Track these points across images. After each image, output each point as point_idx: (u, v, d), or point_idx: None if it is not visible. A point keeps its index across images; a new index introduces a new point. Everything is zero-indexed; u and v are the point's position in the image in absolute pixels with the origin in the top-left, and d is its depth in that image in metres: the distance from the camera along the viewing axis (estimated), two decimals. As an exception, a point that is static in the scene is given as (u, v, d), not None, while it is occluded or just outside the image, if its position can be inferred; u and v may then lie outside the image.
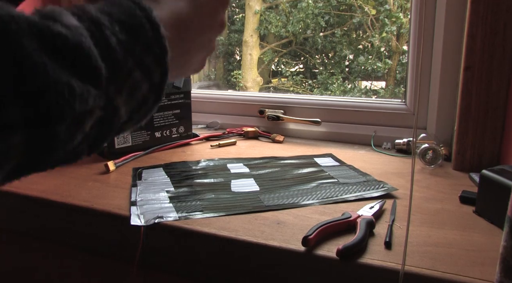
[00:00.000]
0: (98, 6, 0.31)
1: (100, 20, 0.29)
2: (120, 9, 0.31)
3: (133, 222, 0.62)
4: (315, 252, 0.54)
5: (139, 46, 0.31)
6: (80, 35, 0.27)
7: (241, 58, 3.75)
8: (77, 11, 0.29)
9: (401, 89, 2.93)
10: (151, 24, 0.32)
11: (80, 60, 0.27)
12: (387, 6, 3.24)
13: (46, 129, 0.25)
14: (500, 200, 0.55)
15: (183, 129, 1.04)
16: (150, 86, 0.33)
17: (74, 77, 0.26)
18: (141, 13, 0.32)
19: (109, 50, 0.29)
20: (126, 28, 0.30)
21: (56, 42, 0.26)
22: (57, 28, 0.26)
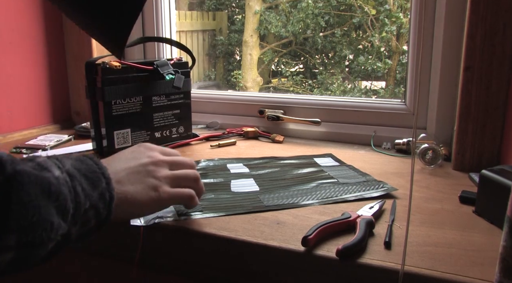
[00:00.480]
0: (71, 163, 0.44)
1: (73, 173, 0.43)
2: (86, 166, 0.46)
3: (133, 222, 0.62)
4: (315, 252, 0.54)
5: (96, 193, 0.45)
6: (62, 185, 0.40)
7: (241, 58, 3.75)
8: (58, 163, 0.43)
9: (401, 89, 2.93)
10: (105, 179, 0.46)
11: (60, 202, 0.39)
12: (387, 6, 3.24)
13: (28, 251, 0.37)
14: (500, 200, 0.55)
15: (183, 129, 1.04)
16: (97, 222, 0.46)
17: (55, 215, 0.38)
18: (98, 170, 0.46)
19: (76, 195, 0.42)
20: (88, 180, 0.44)
21: (50, 189, 0.38)
22: (50, 179, 0.39)
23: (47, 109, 1.23)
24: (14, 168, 0.37)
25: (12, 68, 1.11)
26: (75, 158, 0.46)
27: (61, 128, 1.23)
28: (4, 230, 0.34)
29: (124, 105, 0.92)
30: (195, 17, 3.78)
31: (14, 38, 1.11)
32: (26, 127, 1.16)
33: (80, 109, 1.28)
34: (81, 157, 0.47)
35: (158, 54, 1.29)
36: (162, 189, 0.55)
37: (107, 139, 0.91)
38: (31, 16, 1.15)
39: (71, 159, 0.46)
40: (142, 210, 0.54)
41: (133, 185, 0.52)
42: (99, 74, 0.88)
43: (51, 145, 1.02)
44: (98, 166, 0.47)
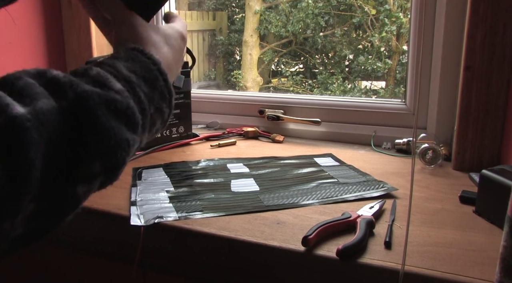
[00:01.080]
0: (125, 65, 0.40)
1: (131, 79, 0.39)
2: (141, 65, 0.42)
3: (133, 222, 0.62)
4: (315, 252, 0.54)
5: (157, 94, 0.42)
6: (127, 98, 0.37)
7: (241, 58, 3.75)
8: (113, 71, 0.39)
9: (401, 89, 2.93)
10: (162, 76, 0.43)
11: (129, 117, 0.37)
12: (387, 6, 3.24)
13: (113, 173, 0.37)
14: (500, 200, 0.55)
15: (183, 129, 1.04)
16: (162, 121, 0.44)
17: (128, 131, 0.37)
18: (154, 67, 0.42)
19: (141, 103, 0.39)
20: (147, 82, 0.41)
21: (117, 106, 0.35)
22: (114, 96, 0.36)
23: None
24: (75, 90, 0.33)
25: (12, 68, 1.11)
26: (126, 57, 0.42)
27: None
28: (88, 159, 0.33)
29: (124, 105, 0.92)
30: (195, 17, 3.78)
31: (14, 38, 1.11)
32: (26, 127, 1.16)
33: (80, 109, 1.28)
34: (131, 54, 0.43)
35: (158, 54, 1.29)
36: None
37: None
38: (31, 16, 1.15)
39: (122, 58, 0.42)
40: None
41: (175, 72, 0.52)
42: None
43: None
44: (151, 60, 0.43)
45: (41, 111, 0.30)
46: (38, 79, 0.33)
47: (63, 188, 0.32)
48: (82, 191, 0.34)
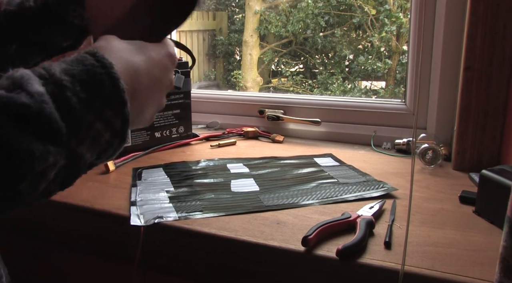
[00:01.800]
0: (63, 67, 0.36)
1: (63, 82, 0.34)
2: (83, 68, 0.36)
3: (133, 222, 0.62)
4: (315, 252, 0.54)
5: (99, 101, 0.36)
6: (42, 102, 0.32)
7: (241, 58, 3.75)
8: (44, 72, 0.34)
9: (401, 89, 2.93)
10: (110, 80, 0.37)
11: (41, 124, 0.32)
12: (387, 6, 3.24)
13: (10, 188, 0.31)
14: (500, 200, 0.55)
15: (183, 129, 1.04)
16: (112, 133, 0.38)
17: (35, 141, 0.31)
18: (102, 70, 0.36)
19: (70, 110, 0.34)
20: (86, 87, 0.35)
21: (19, 111, 0.31)
22: (21, 99, 0.31)
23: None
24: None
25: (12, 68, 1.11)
26: (71, 60, 0.37)
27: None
28: None
29: (124, 105, 0.92)
30: (195, 17, 3.78)
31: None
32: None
33: (80, 109, 1.28)
34: (79, 56, 0.37)
35: (158, 54, 1.29)
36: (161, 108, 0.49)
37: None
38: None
39: (65, 62, 0.37)
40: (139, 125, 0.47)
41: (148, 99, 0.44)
42: (99, 74, 0.88)
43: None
44: (101, 63, 0.37)
45: None
46: None
47: None
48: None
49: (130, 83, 0.40)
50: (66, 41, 0.61)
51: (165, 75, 0.46)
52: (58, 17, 0.59)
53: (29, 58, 0.63)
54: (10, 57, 0.61)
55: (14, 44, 0.60)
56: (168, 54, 0.47)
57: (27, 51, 0.61)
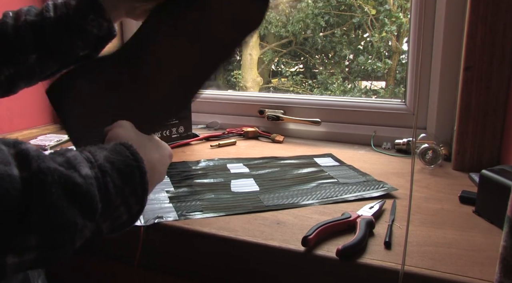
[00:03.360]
0: (105, 154, 0.42)
1: (105, 168, 0.40)
2: (120, 158, 0.42)
3: (133, 222, 0.62)
4: (315, 252, 0.54)
5: (128, 189, 0.42)
6: (90, 185, 0.38)
7: (241, 58, 3.75)
8: (91, 157, 0.40)
9: (401, 89, 2.93)
10: (140, 173, 0.43)
11: (86, 203, 0.37)
12: (387, 6, 3.24)
13: (52, 252, 0.36)
14: (500, 200, 0.55)
15: (183, 129, 1.04)
16: (129, 216, 0.44)
17: (80, 216, 0.37)
18: (134, 163, 0.43)
19: (107, 193, 0.40)
20: (121, 175, 0.41)
21: (74, 189, 0.36)
22: (76, 179, 0.37)
23: (47, 109, 1.23)
24: (39, 165, 0.35)
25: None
26: (111, 148, 0.43)
27: (61, 128, 1.23)
28: (25, 230, 0.33)
29: (124, 105, 0.92)
30: (195, 17, 3.78)
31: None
32: (26, 127, 1.16)
33: (80, 109, 1.28)
34: (117, 147, 0.44)
35: (158, 54, 1.29)
36: None
37: (107, 139, 0.91)
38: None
39: (107, 149, 0.43)
40: None
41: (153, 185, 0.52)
42: (99, 74, 0.88)
43: (51, 145, 1.02)
44: (134, 157, 0.44)
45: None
46: (11, 148, 0.35)
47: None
48: (11, 262, 0.34)
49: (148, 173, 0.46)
50: (84, 50, 0.63)
51: (165, 169, 0.54)
52: (78, 27, 0.61)
53: (47, 66, 0.65)
54: (31, 66, 0.63)
55: (35, 54, 0.62)
56: (170, 154, 0.55)
57: (47, 60, 0.63)
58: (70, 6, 0.63)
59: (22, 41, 0.61)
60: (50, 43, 0.62)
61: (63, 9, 0.63)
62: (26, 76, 0.65)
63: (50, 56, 0.64)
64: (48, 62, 0.64)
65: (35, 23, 0.62)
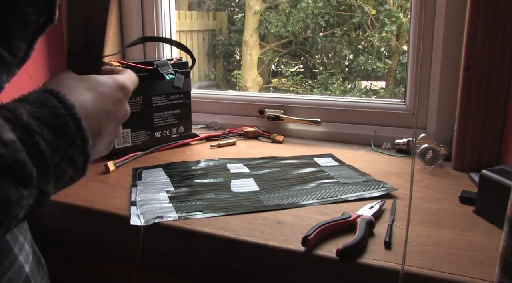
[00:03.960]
0: (28, 109, 0.37)
1: (31, 127, 0.36)
2: (48, 110, 0.38)
3: (133, 222, 0.62)
4: (315, 252, 0.54)
5: (64, 142, 0.38)
6: (15, 151, 0.34)
7: (241, 58, 3.75)
8: (11, 116, 0.35)
9: (401, 89, 2.93)
10: (74, 121, 0.39)
11: (16, 172, 0.33)
12: (387, 6, 3.24)
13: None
14: (500, 200, 0.55)
15: (183, 129, 1.04)
16: (75, 170, 0.40)
17: (11, 188, 0.33)
18: (65, 112, 0.38)
19: (39, 153, 0.35)
20: (53, 129, 0.37)
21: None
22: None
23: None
24: None
25: (12, 68, 1.11)
26: (34, 100, 0.38)
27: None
28: None
29: (124, 105, 0.92)
30: (195, 17, 3.78)
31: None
32: (26, 127, 1.16)
33: (80, 109, 1.28)
34: (42, 96, 0.39)
35: (158, 54, 1.29)
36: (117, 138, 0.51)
37: (107, 139, 0.91)
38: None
39: (29, 102, 0.38)
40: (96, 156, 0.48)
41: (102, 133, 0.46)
42: (99, 74, 0.88)
43: (51, 144, 1.02)
44: (63, 104, 0.39)
45: None
46: None
47: None
48: None
49: None
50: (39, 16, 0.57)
51: (118, 107, 0.47)
52: None
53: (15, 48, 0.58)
54: None
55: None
56: (119, 86, 0.48)
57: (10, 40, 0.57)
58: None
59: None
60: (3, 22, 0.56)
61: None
62: None
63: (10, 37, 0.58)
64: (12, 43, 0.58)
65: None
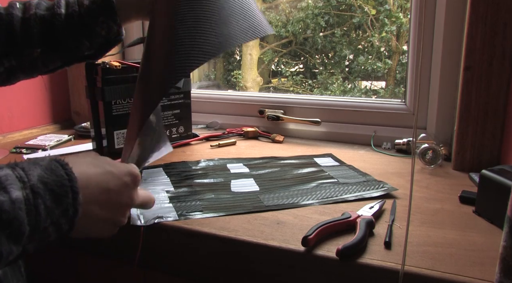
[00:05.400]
0: (39, 174, 0.40)
1: (38, 190, 0.39)
2: (55, 178, 0.41)
3: (133, 222, 0.62)
4: (315, 252, 0.54)
5: (59, 210, 0.41)
6: (19, 210, 0.37)
7: (241, 58, 3.75)
8: (23, 176, 0.39)
9: (401, 89, 2.93)
10: (72, 194, 0.42)
11: (13, 228, 0.36)
12: (387, 6, 3.24)
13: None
14: (500, 200, 0.55)
15: (183, 129, 1.04)
16: (57, 236, 0.42)
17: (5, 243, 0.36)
18: (68, 184, 0.41)
19: (37, 215, 0.38)
20: (53, 196, 0.40)
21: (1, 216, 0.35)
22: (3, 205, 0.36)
23: (47, 109, 1.23)
24: None
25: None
26: (46, 166, 0.42)
27: (61, 128, 1.23)
28: None
29: (124, 105, 0.92)
30: (195, 17, 3.77)
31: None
32: (26, 127, 1.16)
33: (80, 109, 1.28)
34: (53, 164, 0.42)
35: (158, 54, 1.29)
36: (121, 224, 0.52)
37: (107, 139, 0.91)
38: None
39: (41, 167, 0.41)
40: (95, 235, 0.49)
41: (101, 210, 0.47)
42: (99, 74, 0.88)
43: (51, 144, 1.02)
44: (69, 177, 0.42)
45: None
46: None
47: None
48: None
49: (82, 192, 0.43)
50: (89, 50, 0.62)
51: (123, 190, 0.48)
52: (87, 27, 0.60)
53: (50, 62, 0.63)
54: (34, 59, 0.61)
55: (40, 48, 0.60)
56: (128, 171, 0.50)
57: (51, 55, 0.62)
58: (83, 5, 0.62)
59: (29, 34, 0.60)
60: (57, 40, 0.61)
61: (75, 7, 0.62)
62: (28, 69, 0.64)
63: (55, 52, 0.62)
64: (52, 57, 0.63)
65: (44, 17, 0.61)
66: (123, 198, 0.49)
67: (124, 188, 0.49)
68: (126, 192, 0.49)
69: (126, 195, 0.49)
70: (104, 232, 0.50)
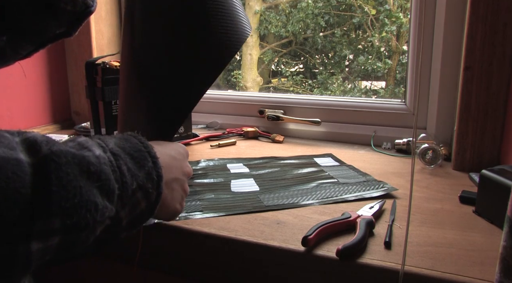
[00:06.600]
0: (114, 141, 0.42)
1: (117, 152, 0.40)
2: (130, 145, 0.43)
3: (133, 222, 0.62)
4: (315, 252, 0.54)
5: (142, 173, 0.42)
6: (104, 165, 0.38)
7: (241, 58, 3.75)
8: (101, 142, 0.40)
9: (401, 89, 2.93)
10: (151, 158, 0.44)
11: (103, 182, 0.37)
12: (387, 6, 3.24)
13: (75, 235, 0.35)
14: (500, 200, 0.55)
15: (183, 129, 1.04)
16: (147, 204, 0.43)
17: (98, 195, 0.36)
18: (144, 149, 0.44)
19: (121, 176, 0.39)
20: (134, 160, 0.42)
21: (89, 168, 0.36)
22: (90, 158, 0.37)
23: (47, 109, 1.23)
24: (50, 148, 0.34)
25: (12, 68, 1.11)
26: (119, 137, 0.44)
27: (61, 128, 1.23)
28: (48, 213, 0.32)
29: (124, 105, 0.92)
30: (195, 17, 3.77)
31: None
32: (26, 127, 1.16)
33: (80, 109, 1.28)
34: (125, 135, 0.45)
35: (158, 54, 1.29)
36: (183, 204, 0.54)
37: (107, 139, 0.91)
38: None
39: (115, 137, 0.44)
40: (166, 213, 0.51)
41: (174, 180, 0.51)
42: (99, 74, 0.89)
43: (51, 144, 1.02)
44: (143, 144, 0.44)
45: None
46: (16, 136, 0.34)
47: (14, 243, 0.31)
48: (36, 249, 0.33)
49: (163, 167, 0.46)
50: (59, 28, 0.59)
51: (182, 161, 0.53)
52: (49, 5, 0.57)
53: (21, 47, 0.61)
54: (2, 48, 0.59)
55: (5, 35, 0.58)
56: (181, 146, 0.56)
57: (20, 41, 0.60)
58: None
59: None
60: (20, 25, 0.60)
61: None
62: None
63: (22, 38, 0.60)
64: (21, 43, 0.61)
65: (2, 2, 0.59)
66: (184, 165, 0.53)
67: (182, 158, 0.53)
68: (183, 161, 0.53)
69: (185, 164, 0.54)
70: (177, 205, 0.52)
